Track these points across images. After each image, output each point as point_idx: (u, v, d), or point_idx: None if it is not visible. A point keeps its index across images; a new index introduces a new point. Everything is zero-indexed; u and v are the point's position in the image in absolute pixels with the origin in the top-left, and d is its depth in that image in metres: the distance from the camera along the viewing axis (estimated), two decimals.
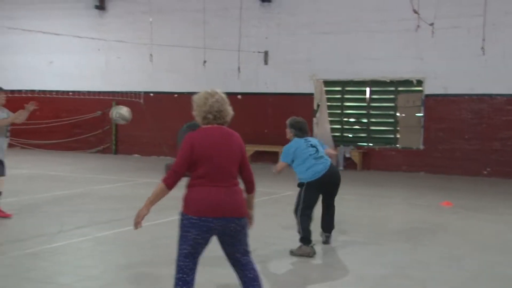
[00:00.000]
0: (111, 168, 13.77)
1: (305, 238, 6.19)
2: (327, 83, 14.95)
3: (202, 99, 3.89)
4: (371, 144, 14.69)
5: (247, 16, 15.23)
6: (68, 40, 15.87)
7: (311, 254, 6.15)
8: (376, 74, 14.35)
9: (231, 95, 4.21)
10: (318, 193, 6.37)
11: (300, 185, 6.43)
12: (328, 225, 6.67)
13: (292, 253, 6.21)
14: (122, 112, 7.78)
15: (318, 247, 6.55)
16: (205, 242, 3.82)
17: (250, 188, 4.02)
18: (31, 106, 7.83)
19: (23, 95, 17.53)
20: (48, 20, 16.90)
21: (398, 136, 14.41)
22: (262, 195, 9.50)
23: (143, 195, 9.11)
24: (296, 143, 6.43)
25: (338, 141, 14.82)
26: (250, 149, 15.19)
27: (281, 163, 6.45)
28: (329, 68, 14.73)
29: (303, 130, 6.53)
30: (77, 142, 17.28)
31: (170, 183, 3.82)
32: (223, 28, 15.64)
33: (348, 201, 9.85)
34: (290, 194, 9.95)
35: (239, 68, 14.97)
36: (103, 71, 17.10)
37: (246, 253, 3.95)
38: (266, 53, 15.35)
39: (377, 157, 14.55)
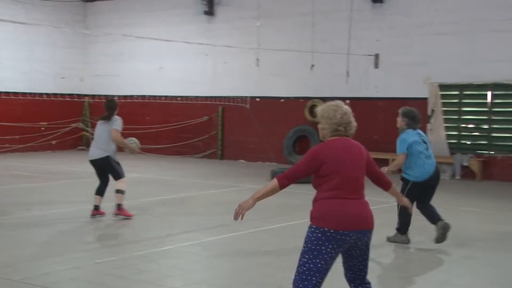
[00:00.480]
0: (217, 174, 14.13)
1: (402, 229, 6.87)
2: (443, 86, 14.37)
3: (331, 112, 3.94)
4: (493, 152, 13.89)
5: (358, 18, 15.02)
6: (178, 46, 16.53)
7: (405, 242, 6.87)
8: (500, 76, 13.57)
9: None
10: (420, 192, 6.71)
11: (404, 180, 6.72)
12: (434, 212, 6.82)
13: (389, 239, 6.93)
14: (134, 140, 8.50)
15: (434, 258, 6.28)
16: (337, 256, 3.80)
17: (388, 183, 4.20)
18: (136, 151, 8.56)
19: (135, 100, 18.52)
20: (159, 27, 17.72)
21: None
22: (372, 204, 9.28)
23: None
24: (412, 136, 6.66)
25: (455, 149, 14.18)
26: None
27: (400, 157, 6.64)
28: (445, 71, 14.15)
29: (416, 121, 6.83)
30: (185, 147, 17.92)
31: (283, 184, 3.87)
32: (332, 30, 15.55)
33: (467, 213, 9.38)
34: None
35: (347, 72, 14.79)
36: (210, 76, 17.63)
37: (367, 268, 3.95)
38: (377, 56, 15.05)
39: (499, 167, 13.73)
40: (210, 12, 17.43)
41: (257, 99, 16.90)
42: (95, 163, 8.22)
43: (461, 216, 9.02)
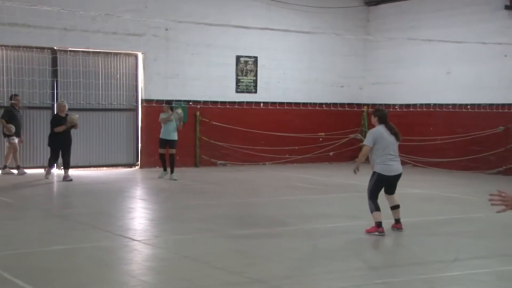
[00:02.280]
0: None
1: None
2: None
3: None
4: None
5: None
6: (469, 47, 15.93)
7: None
8: None
9: None
10: None
11: None
12: None
13: None
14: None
15: None
16: None
17: None
18: None
19: (418, 109, 18.37)
20: (449, 28, 17.29)
21: None
22: None
23: None
24: None
25: None
26: None
27: None
28: None
29: None
30: (474, 161, 17.11)
31: None
32: None
33: None
34: None
35: None
36: (508, 80, 16.53)
37: None
38: None
39: None
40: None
41: None
42: (397, 178, 8.41)
43: None
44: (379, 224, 8.22)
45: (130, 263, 6.96)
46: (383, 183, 8.36)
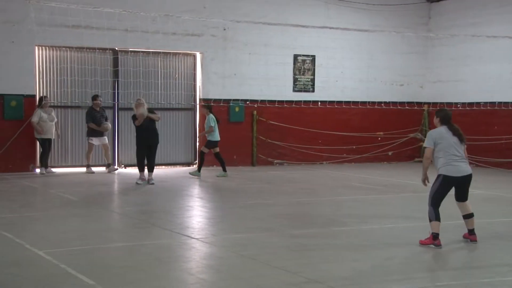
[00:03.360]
0: None
1: None
2: None
3: None
4: None
5: None
6: None
7: None
8: None
9: None
10: None
11: None
12: None
13: None
14: None
15: None
16: None
17: None
18: None
19: (481, 107, 17.90)
20: None
21: None
22: None
23: None
24: None
25: None
26: None
27: None
28: None
29: None
30: None
31: None
32: None
33: None
34: None
35: None
36: None
37: None
38: None
39: None
40: None
41: None
42: (466, 179, 7.73)
43: None
44: (435, 236, 7.65)
45: (188, 261, 7.09)
46: (449, 187, 7.77)
